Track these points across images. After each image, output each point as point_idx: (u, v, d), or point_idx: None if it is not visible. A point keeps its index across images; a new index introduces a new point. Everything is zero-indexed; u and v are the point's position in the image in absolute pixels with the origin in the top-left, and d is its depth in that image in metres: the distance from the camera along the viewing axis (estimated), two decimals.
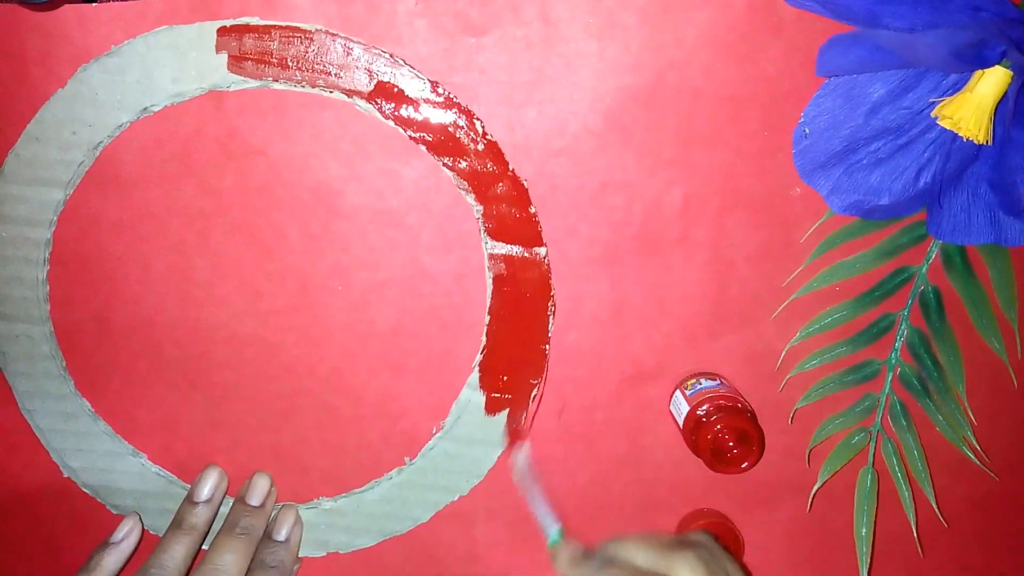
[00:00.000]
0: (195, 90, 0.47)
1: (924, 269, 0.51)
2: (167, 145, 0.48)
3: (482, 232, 0.49)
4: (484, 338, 0.51)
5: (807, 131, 0.48)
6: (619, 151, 0.49)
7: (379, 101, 0.47)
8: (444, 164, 0.48)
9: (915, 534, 0.53)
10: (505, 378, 0.51)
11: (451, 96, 0.47)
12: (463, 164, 0.48)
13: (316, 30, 0.46)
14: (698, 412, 0.49)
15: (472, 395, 0.52)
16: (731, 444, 0.48)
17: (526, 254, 0.49)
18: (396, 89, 0.47)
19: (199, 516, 0.50)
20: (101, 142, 0.48)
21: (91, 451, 0.53)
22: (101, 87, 0.47)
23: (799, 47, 0.47)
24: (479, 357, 0.51)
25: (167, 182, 0.49)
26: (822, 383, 0.53)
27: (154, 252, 0.50)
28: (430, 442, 0.53)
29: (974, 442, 0.53)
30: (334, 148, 0.48)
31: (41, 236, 0.50)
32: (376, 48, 0.47)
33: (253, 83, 0.47)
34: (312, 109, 0.48)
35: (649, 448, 0.54)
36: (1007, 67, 0.42)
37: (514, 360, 0.51)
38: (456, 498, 0.54)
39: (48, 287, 0.51)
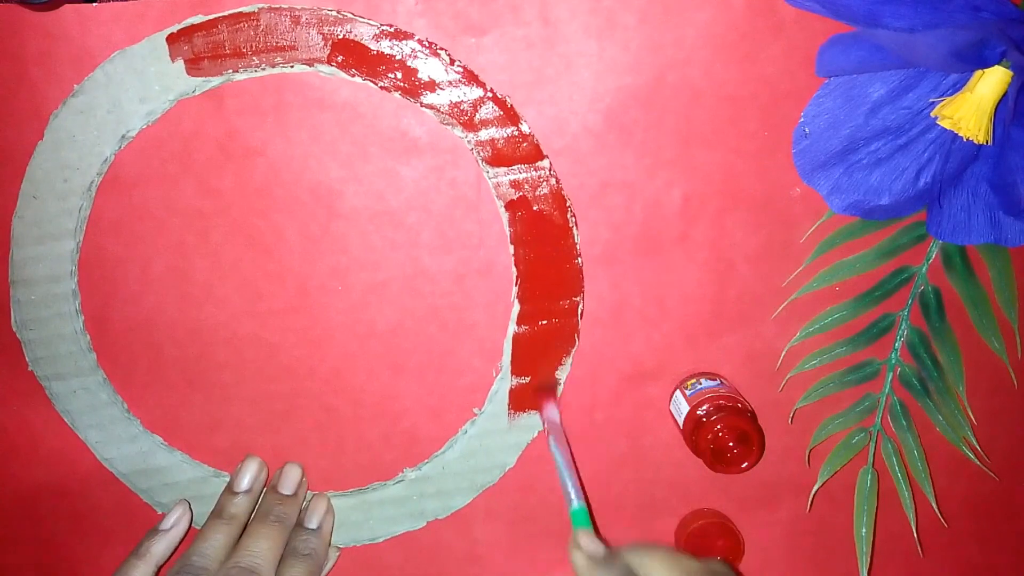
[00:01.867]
0: (165, 104, 0.47)
1: (924, 269, 0.51)
2: (167, 146, 0.48)
3: (480, 163, 0.48)
4: (514, 269, 0.50)
5: (807, 131, 0.48)
6: (619, 151, 0.49)
7: (339, 59, 0.47)
8: (423, 104, 0.47)
9: (915, 534, 0.53)
10: (546, 303, 0.51)
11: (404, 30, 0.46)
12: (440, 97, 0.47)
13: (260, 9, 0.46)
14: (698, 412, 0.49)
15: (520, 330, 0.51)
16: (731, 444, 0.48)
17: (532, 172, 0.48)
18: (352, 43, 0.46)
19: (238, 506, 0.50)
20: (92, 182, 0.48)
21: (175, 483, 0.54)
22: (77, 128, 0.47)
23: (799, 47, 0.47)
24: (515, 289, 0.50)
25: (167, 183, 0.49)
26: (822, 383, 0.53)
27: (154, 252, 0.50)
28: (493, 386, 0.52)
29: (974, 442, 0.53)
30: (333, 148, 0.48)
31: (67, 288, 0.50)
32: (323, 9, 0.46)
33: (216, 80, 0.47)
34: (311, 110, 0.48)
35: (649, 448, 0.54)
36: (1007, 67, 0.42)
37: (550, 281, 0.50)
38: (536, 435, 0.53)
39: (88, 336, 0.51)
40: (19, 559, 0.56)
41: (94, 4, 0.46)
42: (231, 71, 0.47)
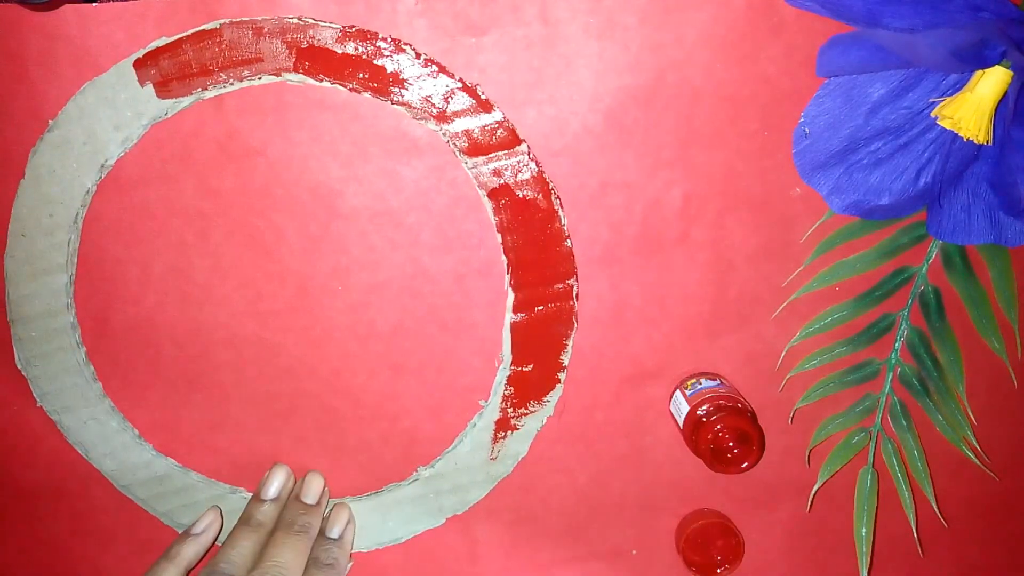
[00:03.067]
0: (139, 129, 0.47)
1: (924, 269, 0.51)
2: (167, 146, 0.48)
3: (458, 155, 0.47)
4: (504, 257, 0.49)
5: (807, 131, 0.48)
6: (619, 151, 0.49)
7: (305, 66, 0.47)
8: (394, 101, 0.47)
9: (915, 534, 0.53)
10: (540, 288, 0.50)
11: (366, 30, 0.46)
12: (409, 93, 0.47)
13: (222, 24, 0.46)
14: (698, 412, 0.49)
15: (517, 318, 0.51)
16: (731, 444, 0.48)
17: (511, 158, 0.48)
18: (316, 48, 0.46)
19: (266, 513, 0.51)
20: (78, 214, 0.49)
21: (194, 503, 0.54)
22: (56, 163, 0.48)
23: (799, 47, 0.47)
24: (508, 278, 0.50)
25: (167, 183, 0.49)
26: (822, 383, 0.53)
27: (154, 253, 0.50)
28: (496, 376, 0.52)
29: (974, 442, 0.53)
30: (334, 149, 0.48)
31: (64, 322, 0.50)
32: (285, 18, 0.46)
33: (187, 100, 0.47)
34: (311, 110, 0.48)
35: (649, 448, 0.54)
36: (1007, 67, 0.42)
37: (542, 266, 0.50)
38: (545, 421, 0.53)
39: (92, 366, 0.51)
40: (19, 560, 0.56)
41: (94, 4, 0.46)
42: (200, 89, 0.47)
